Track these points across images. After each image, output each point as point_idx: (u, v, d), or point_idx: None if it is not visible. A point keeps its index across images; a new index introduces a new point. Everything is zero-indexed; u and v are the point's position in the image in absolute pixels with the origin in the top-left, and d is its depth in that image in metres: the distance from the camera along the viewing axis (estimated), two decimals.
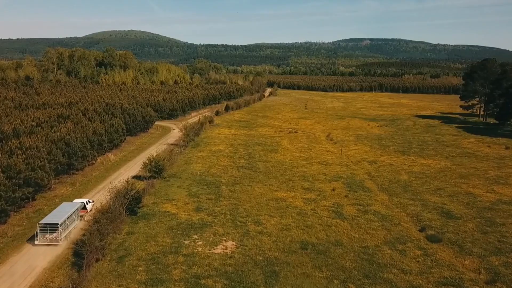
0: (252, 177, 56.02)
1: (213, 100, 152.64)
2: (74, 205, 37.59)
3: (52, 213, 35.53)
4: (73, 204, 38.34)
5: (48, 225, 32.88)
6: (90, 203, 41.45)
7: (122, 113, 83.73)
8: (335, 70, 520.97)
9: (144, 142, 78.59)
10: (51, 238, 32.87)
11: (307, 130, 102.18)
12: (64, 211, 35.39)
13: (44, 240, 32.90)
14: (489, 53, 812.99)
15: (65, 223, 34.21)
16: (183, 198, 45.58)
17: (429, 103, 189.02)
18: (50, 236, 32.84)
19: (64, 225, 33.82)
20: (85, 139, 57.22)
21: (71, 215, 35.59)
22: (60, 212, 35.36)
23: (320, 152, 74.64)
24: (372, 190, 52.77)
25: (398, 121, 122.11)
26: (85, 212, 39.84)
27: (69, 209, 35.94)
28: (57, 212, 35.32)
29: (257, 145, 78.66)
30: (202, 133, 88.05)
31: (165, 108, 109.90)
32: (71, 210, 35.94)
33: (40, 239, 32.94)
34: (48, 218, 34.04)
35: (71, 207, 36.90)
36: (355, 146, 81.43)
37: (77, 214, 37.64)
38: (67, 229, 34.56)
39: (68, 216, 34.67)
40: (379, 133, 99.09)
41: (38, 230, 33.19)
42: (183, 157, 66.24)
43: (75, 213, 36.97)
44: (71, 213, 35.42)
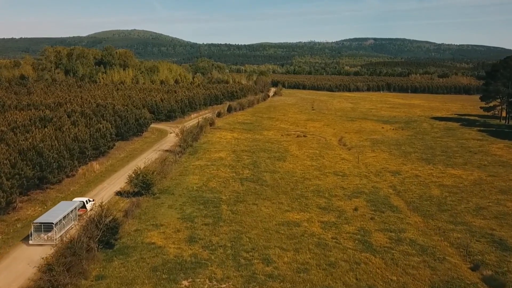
0: (258, 193, 47.54)
1: (215, 101, 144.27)
2: (72, 204, 36.78)
3: (48, 212, 34.97)
4: (71, 203, 37.51)
5: (42, 224, 32.12)
6: (90, 202, 40.28)
7: (113, 115, 75.54)
8: (339, 69, 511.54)
9: (136, 148, 70.22)
10: (46, 237, 32.03)
11: (316, 133, 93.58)
12: (61, 210, 34.67)
13: (39, 239, 32.06)
14: (494, 53, 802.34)
15: (61, 222, 33.39)
16: (173, 223, 37.12)
17: (441, 104, 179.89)
18: (45, 235, 32.12)
19: (60, 225, 33.04)
20: (63, 147, 48.95)
21: (68, 214, 34.72)
22: (56, 211, 34.66)
23: (334, 160, 66.03)
24: (401, 209, 44.20)
25: (414, 123, 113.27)
26: (84, 211, 38.39)
27: (66, 208, 35.21)
28: (53, 211, 34.71)
29: (263, 152, 70.14)
30: (201, 138, 79.62)
31: (163, 109, 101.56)
32: (69, 209, 35.15)
33: (35, 239, 32.07)
34: (43, 217, 33.33)
35: (69, 206, 36.16)
36: (373, 153, 72.74)
37: (75, 214, 36.55)
38: (63, 229, 33.53)
39: (64, 215, 33.89)
40: (396, 137, 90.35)
41: (33, 229, 32.31)
42: (178, 166, 57.79)
43: (73, 212, 36.00)
44: (68, 212, 34.58)
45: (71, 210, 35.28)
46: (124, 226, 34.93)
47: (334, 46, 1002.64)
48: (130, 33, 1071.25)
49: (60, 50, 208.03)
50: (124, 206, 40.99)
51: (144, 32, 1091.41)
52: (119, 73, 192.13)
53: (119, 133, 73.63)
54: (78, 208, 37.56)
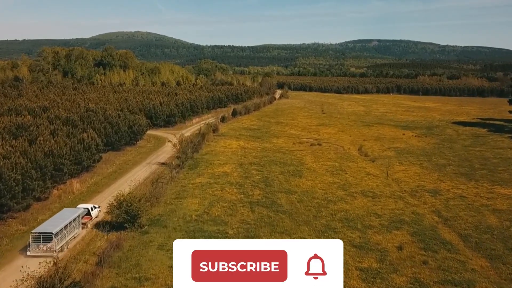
0: (273, 223, 37.92)
1: (219, 104, 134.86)
2: (75, 212, 34.37)
3: (48, 221, 32.89)
4: (74, 210, 35.08)
5: (41, 235, 30.03)
6: (95, 208, 37.86)
7: (103, 122, 66.30)
8: (345, 71, 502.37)
9: (127, 160, 60.75)
10: (45, 248, 30.02)
11: (332, 141, 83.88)
12: (63, 219, 32.41)
13: (37, 251, 30.02)
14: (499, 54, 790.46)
15: (62, 232, 31.14)
16: (163, 276, 27.46)
17: (457, 107, 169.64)
18: (44, 246, 30.09)
19: (61, 235, 30.85)
20: (31, 165, 39.59)
21: (71, 222, 32.44)
22: (57, 219, 32.44)
23: (359, 176, 56.31)
24: (457, 247, 34.45)
25: (436, 129, 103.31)
26: (89, 219, 36.35)
27: (68, 216, 32.93)
28: (54, 220, 32.52)
29: (274, 165, 60.51)
30: (203, 147, 70.13)
31: (161, 114, 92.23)
32: (71, 217, 32.83)
33: (33, 250, 30.05)
34: (42, 227, 31.39)
35: (72, 213, 33.79)
36: (401, 166, 62.93)
37: (78, 222, 34.07)
38: (64, 239, 31.36)
39: (66, 224, 31.64)
40: (422, 146, 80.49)
41: (31, 239, 30.19)
42: (175, 185, 48.22)
43: (76, 220, 33.64)
44: (70, 220, 32.33)
45: (74, 218, 33.20)
46: (95, 282, 25.38)
47: (338, 47, 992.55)
48: (134, 35, 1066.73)
49: (58, 51, 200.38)
50: (102, 245, 31.52)
51: (148, 34, 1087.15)
52: (119, 74, 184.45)
53: (109, 143, 64.39)
54: (82, 216, 35.47)
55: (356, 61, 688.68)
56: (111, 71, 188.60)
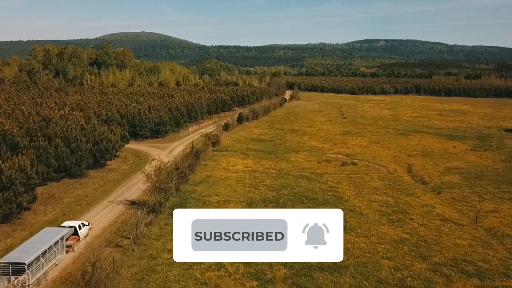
0: None
1: (222, 107, 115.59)
2: (58, 232, 26.91)
3: (22, 245, 25.46)
4: (57, 230, 27.63)
5: (11, 265, 22.81)
6: (84, 226, 30.70)
7: (57, 137, 47.20)
8: (355, 71, 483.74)
9: (80, 198, 40.98)
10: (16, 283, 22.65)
11: (367, 157, 64.08)
12: (40, 242, 24.99)
13: (5, 286, 22.82)
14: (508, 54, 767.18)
15: (39, 260, 23.90)
16: None
17: (494, 110, 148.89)
18: (14, 280, 22.78)
19: (36, 264, 23.60)
20: None
21: (51, 247, 25.25)
22: (34, 243, 24.94)
23: (432, 223, 36.43)
24: None
25: (491, 140, 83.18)
26: (76, 239, 29.15)
27: (49, 239, 25.50)
28: (29, 244, 25.19)
29: (300, 203, 40.84)
30: (197, 171, 50.64)
31: (148, 122, 72.93)
32: (52, 240, 25.46)
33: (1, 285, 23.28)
34: (13, 254, 23.96)
35: (54, 235, 26.30)
36: (486, 203, 42.71)
37: (61, 245, 26.81)
38: (41, 269, 24.18)
39: (45, 250, 24.52)
40: (489, 165, 60.47)
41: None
42: (139, 257, 28.77)
43: (59, 243, 26.36)
44: (50, 244, 25.15)
45: (56, 241, 25.85)
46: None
47: (344, 47, 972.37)
48: (139, 36, 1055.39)
49: (49, 49, 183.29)
50: None
51: (153, 35, 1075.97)
52: (114, 74, 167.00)
53: (63, 167, 45.28)
54: (67, 237, 28.20)
55: (364, 61, 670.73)
56: (106, 70, 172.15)
